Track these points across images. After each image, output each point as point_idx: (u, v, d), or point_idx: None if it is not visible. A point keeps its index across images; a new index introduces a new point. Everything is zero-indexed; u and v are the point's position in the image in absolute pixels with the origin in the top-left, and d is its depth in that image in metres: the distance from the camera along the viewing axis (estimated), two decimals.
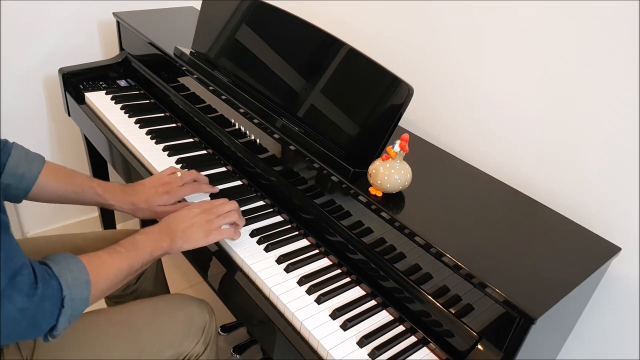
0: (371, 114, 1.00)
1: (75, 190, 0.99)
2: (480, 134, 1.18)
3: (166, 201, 1.03)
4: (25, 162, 0.93)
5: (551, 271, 0.83)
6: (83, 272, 0.75)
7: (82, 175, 1.02)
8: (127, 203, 1.02)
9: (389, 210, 0.91)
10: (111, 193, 1.01)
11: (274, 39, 1.18)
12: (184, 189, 1.05)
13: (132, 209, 1.02)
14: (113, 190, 1.02)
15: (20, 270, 0.66)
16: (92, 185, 1.00)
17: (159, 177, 1.07)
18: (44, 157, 0.97)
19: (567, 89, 1.00)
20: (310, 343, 0.85)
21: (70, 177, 0.99)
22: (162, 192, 1.03)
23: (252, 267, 0.94)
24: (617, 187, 0.96)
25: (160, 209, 1.02)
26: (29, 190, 0.94)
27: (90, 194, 1.00)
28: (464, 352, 0.82)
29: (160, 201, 1.02)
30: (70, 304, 0.71)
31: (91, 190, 1.00)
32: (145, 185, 1.05)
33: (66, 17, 1.60)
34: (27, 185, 0.94)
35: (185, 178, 1.07)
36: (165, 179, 1.06)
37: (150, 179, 1.06)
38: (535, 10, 1.01)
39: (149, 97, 1.51)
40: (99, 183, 1.02)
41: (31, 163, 0.94)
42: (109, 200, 1.01)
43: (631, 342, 1.02)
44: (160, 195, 1.02)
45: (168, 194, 1.03)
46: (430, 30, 1.22)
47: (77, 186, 0.99)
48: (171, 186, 1.04)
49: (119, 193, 1.02)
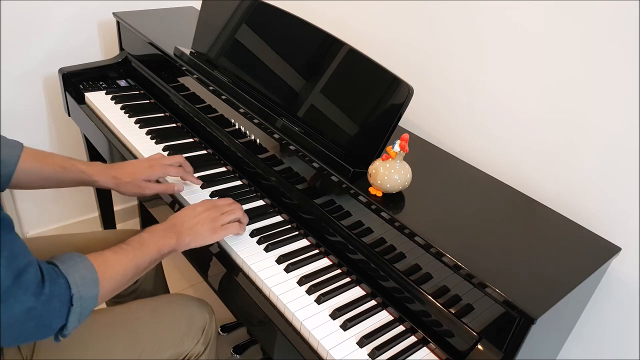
0: (371, 114, 1.00)
1: (57, 170, 0.99)
2: (480, 134, 1.18)
3: (150, 175, 1.04)
4: (4, 148, 0.92)
5: (551, 271, 0.83)
6: (90, 270, 0.74)
7: (62, 156, 1.02)
8: (110, 177, 1.03)
9: (389, 210, 0.91)
10: (94, 168, 1.02)
11: (274, 39, 1.19)
12: (168, 167, 1.08)
13: (116, 183, 1.03)
14: (95, 166, 1.03)
15: (26, 269, 0.65)
16: (74, 162, 1.01)
17: (145, 158, 1.10)
18: (22, 143, 0.96)
19: (567, 89, 1.00)
20: (310, 343, 0.85)
21: (50, 158, 0.99)
22: (147, 167, 1.05)
23: (252, 267, 0.94)
24: (617, 187, 0.96)
25: (144, 184, 1.04)
26: (10, 176, 0.93)
27: (74, 172, 1.00)
28: (464, 352, 0.82)
29: (144, 175, 1.04)
30: (79, 302, 0.71)
31: (74, 167, 1.00)
32: (131, 162, 1.07)
33: (66, 17, 1.60)
34: (8, 171, 0.92)
35: (172, 160, 1.09)
36: (151, 156, 1.09)
37: (137, 159, 1.10)
38: (535, 10, 1.01)
39: (149, 97, 1.51)
40: (81, 161, 1.02)
41: (10, 149, 0.93)
42: (93, 175, 1.01)
43: (631, 342, 1.02)
44: (145, 169, 1.04)
45: (152, 168, 1.05)
46: (430, 30, 1.22)
47: (59, 165, 0.99)
48: (156, 161, 1.07)
49: (102, 168, 1.03)
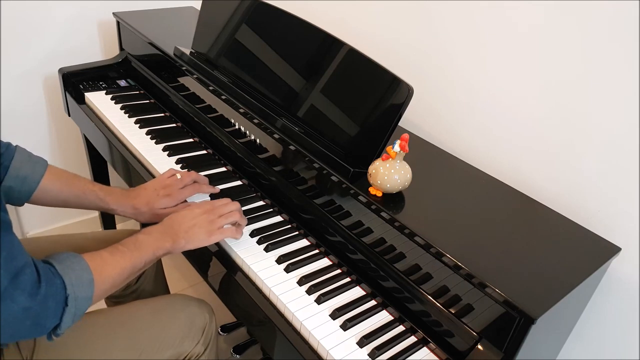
0: (371, 114, 1.00)
1: (77, 194, 0.99)
2: (480, 134, 1.18)
3: (167, 204, 1.03)
4: (28, 165, 0.93)
5: (551, 271, 0.83)
6: (86, 270, 0.75)
7: (84, 179, 1.02)
8: (129, 207, 1.02)
9: (389, 210, 0.91)
10: (113, 197, 1.02)
11: (274, 39, 1.18)
12: (184, 191, 1.05)
13: (134, 213, 1.03)
14: (114, 194, 1.02)
15: (23, 270, 0.66)
16: (94, 189, 1.01)
17: (159, 180, 1.07)
18: (46, 161, 0.97)
19: (567, 89, 1.00)
20: (310, 343, 0.85)
21: (72, 181, 1.00)
22: (164, 195, 1.03)
23: (252, 267, 0.94)
24: (617, 187, 0.96)
25: (162, 212, 1.02)
26: (31, 193, 0.94)
27: (92, 198, 1.00)
28: (464, 352, 0.82)
29: (162, 204, 1.02)
30: (73, 302, 0.72)
31: (93, 194, 1.00)
32: (146, 188, 1.05)
33: (66, 17, 1.60)
34: (29, 187, 0.94)
35: (186, 180, 1.07)
36: (166, 182, 1.06)
37: (151, 183, 1.06)
38: (535, 10, 1.01)
39: (149, 97, 1.51)
40: (101, 187, 1.02)
41: (34, 166, 0.94)
42: (111, 204, 1.01)
43: (631, 342, 1.02)
44: (162, 198, 1.02)
45: (169, 197, 1.03)
46: (430, 30, 1.22)
47: (79, 190, 1.00)
48: (172, 189, 1.04)
49: (120, 197, 1.02)
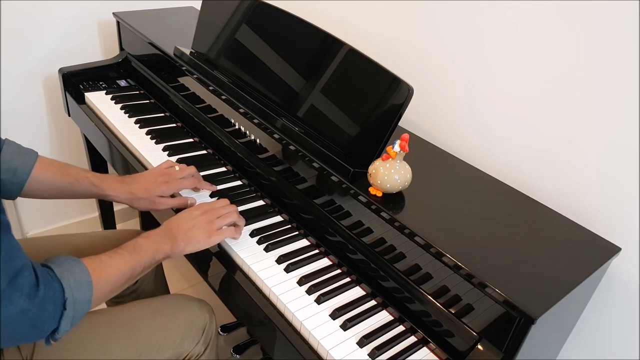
0: (371, 114, 1.00)
1: (70, 182, 0.98)
2: (480, 134, 1.17)
3: (165, 191, 1.03)
4: (18, 157, 0.92)
5: (551, 271, 0.83)
6: (85, 274, 0.74)
7: (77, 167, 1.01)
8: (125, 192, 1.01)
9: (389, 210, 0.91)
10: (107, 182, 1.01)
11: (274, 39, 1.18)
12: (183, 181, 1.06)
13: (130, 199, 1.01)
14: (109, 179, 1.01)
15: (21, 272, 0.65)
16: (87, 176, 1.00)
17: (158, 169, 1.07)
18: (36, 152, 0.96)
19: (567, 89, 1.00)
20: (310, 343, 0.84)
21: (64, 169, 0.99)
22: (162, 182, 1.03)
23: (252, 267, 0.94)
24: (617, 187, 0.96)
25: (159, 199, 1.02)
26: (23, 184, 0.93)
27: (86, 185, 0.99)
28: (464, 352, 0.82)
29: (159, 191, 1.02)
30: (72, 306, 0.71)
31: (86, 180, 0.99)
32: (144, 176, 1.05)
33: (66, 17, 1.60)
34: (21, 179, 0.93)
35: (184, 172, 1.07)
36: (164, 170, 1.06)
37: (149, 171, 1.07)
38: (535, 10, 1.01)
39: (149, 97, 1.51)
40: (94, 174, 1.01)
41: (24, 157, 0.93)
42: (106, 190, 1.00)
43: (631, 342, 1.02)
44: (160, 185, 1.02)
45: (167, 184, 1.03)
46: (430, 30, 1.22)
47: (72, 177, 0.98)
48: (170, 177, 1.05)
49: (115, 183, 1.01)
